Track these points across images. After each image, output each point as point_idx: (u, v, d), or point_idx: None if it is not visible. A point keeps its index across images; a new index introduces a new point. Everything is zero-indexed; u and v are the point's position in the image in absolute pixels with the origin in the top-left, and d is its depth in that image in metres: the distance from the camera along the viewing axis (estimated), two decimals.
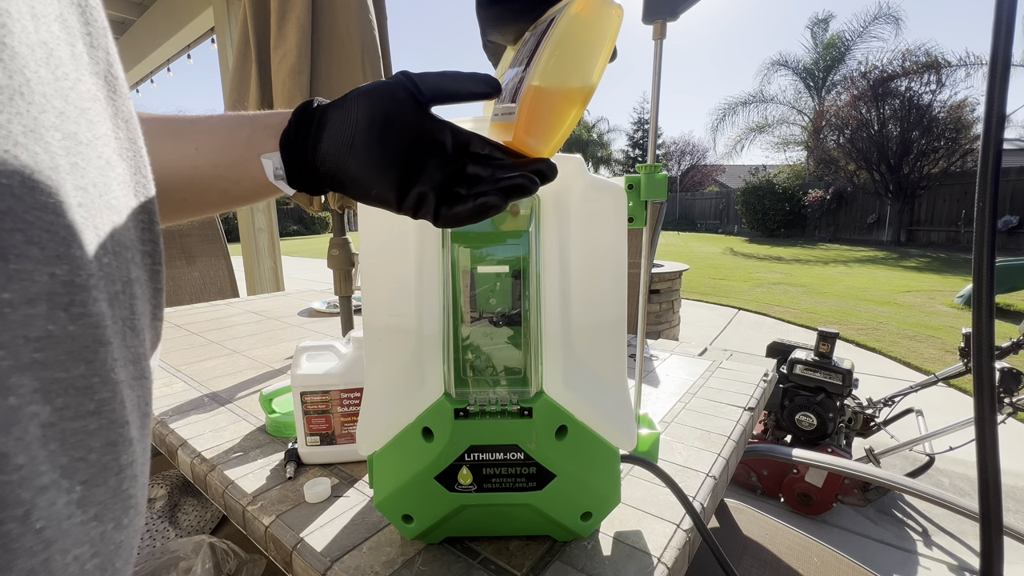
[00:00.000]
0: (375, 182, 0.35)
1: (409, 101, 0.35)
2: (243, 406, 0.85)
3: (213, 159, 0.37)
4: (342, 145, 0.35)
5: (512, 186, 0.34)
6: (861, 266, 9.03)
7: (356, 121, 0.35)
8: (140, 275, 0.22)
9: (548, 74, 0.33)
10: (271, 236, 3.22)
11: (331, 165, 0.35)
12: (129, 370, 0.20)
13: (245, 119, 0.38)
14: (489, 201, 0.34)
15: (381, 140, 0.34)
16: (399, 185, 0.35)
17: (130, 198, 0.21)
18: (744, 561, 0.90)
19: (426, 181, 0.35)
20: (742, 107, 18.46)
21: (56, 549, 0.15)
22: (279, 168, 0.36)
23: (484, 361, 0.44)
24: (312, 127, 0.36)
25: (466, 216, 0.35)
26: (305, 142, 0.36)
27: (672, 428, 0.76)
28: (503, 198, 0.34)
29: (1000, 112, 0.29)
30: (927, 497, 0.84)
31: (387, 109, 0.35)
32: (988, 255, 0.30)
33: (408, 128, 0.35)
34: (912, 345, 3.96)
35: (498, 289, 0.43)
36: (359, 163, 0.35)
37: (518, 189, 0.34)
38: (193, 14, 3.21)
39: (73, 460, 0.16)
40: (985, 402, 0.32)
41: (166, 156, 0.36)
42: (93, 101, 0.19)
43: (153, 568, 0.87)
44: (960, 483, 2.08)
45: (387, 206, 0.36)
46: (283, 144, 0.36)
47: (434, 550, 0.49)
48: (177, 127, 0.37)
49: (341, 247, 1.11)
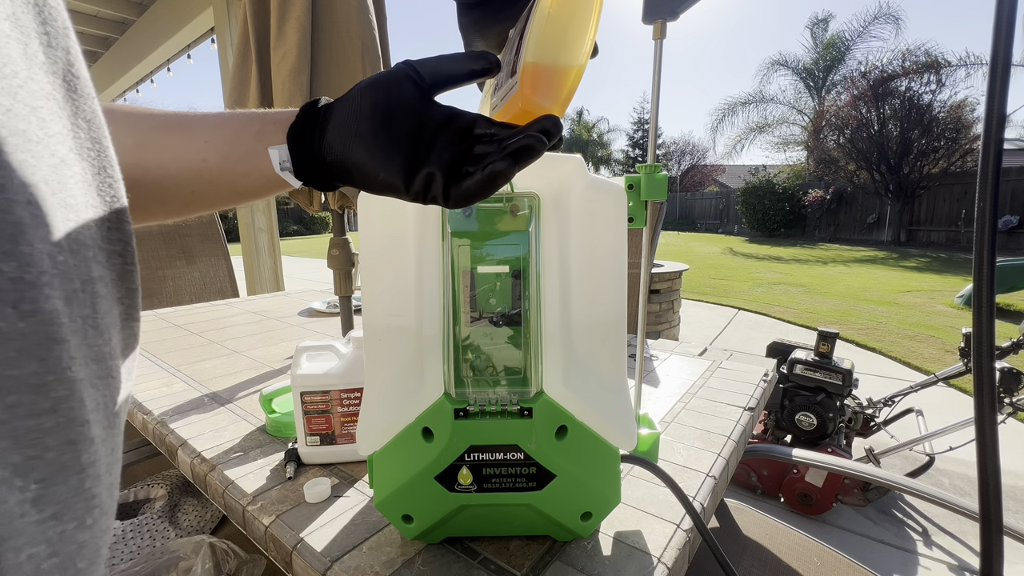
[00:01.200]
0: (381, 167, 0.35)
1: (411, 87, 0.36)
2: (243, 406, 0.85)
3: (223, 152, 0.38)
4: (347, 133, 0.35)
5: (520, 148, 0.33)
6: (861, 266, 9.03)
7: (360, 110, 0.35)
8: (105, 274, 0.21)
9: (542, 47, 0.33)
10: (271, 236, 3.22)
11: (337, 153, 0.36)
12: (92, 369, 0.19)
13: (255, 115, 0.39)
14: (497, 168, 0.33)
15: (385, 125, 0.35)
16: (406, 168, 0.35)
17: (91, 197, 0.21)
18: (744, 561, 0.90)
19: (433, 162, 0.35)
20: (742, 107, 18.47)
21: (7, 547, 0.15)
22: (285, 160, 0.37)
23: (484, 361, 0.44)
24: (318, 119, 0.37)
25: (477, 189, 0.34)
26: (312, 133, 0.37)
27: (672, 428, 0.76)
28: (512, 163, 0.33)
29: (1000, 112, 0.29)
30: (927, 497, 0.84)
31: (390, 96, 0.35)
32: (988, 255, 0.30)
33: (412, 112, 0.35)
34: (912, 345, 3.96)
35: (498, 289, 0.43)
36: (364, 149, 0.35)
37: (526, 150, 0.33)
38: (193, 14, 3.21)
39: (28, 458, 0.16)
40: (985, 402, 0.32)
41: (176, 149, 0.37)
42: (47, 99, 0.19)
43: (153, 568, 0.87)
44: (960, 483, 2.08)
45: (395, 192, 0.36)
46: (290, 137, 0.37)
47: (434, 550, 0.49)
48: (187, 121, 0.38)
49: (341, 247, 1.11)
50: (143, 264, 2.11)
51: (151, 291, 2.11)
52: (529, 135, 0.33)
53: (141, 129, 0.38)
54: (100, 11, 3.64)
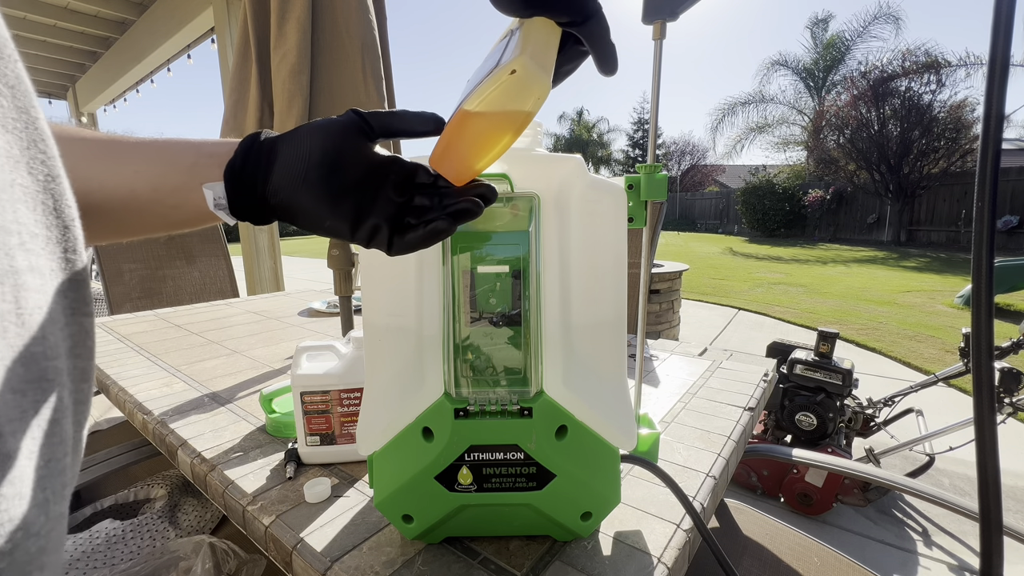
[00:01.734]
0: (328, 215, 0.36)
1: (360, 137, 0.36)
2: (243, 406, 0.85)
3: (153, 183, 0.36)
4: (295, 179, 0.35)
5: (459, 211, 0.36)
6: (861, 266, 9.03)
7: (309, 155, 0.35)
8: (39, 263, 0.19)
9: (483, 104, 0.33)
10: (271, 236, 3.22)
11: (283, 198, 0.35)
12: (17, 372, 0.17)
13: (190, 145, 0.38)
14: (439, 226, 0.35)
15: (335, 174, 0.35)
16: (353, 217, 0.36)
17: (18, 174, 0.19)
18: (744, 561, 0.90)
19: (379, 213, 0.36)
20: (742, 107, 18.47)
21: None
22: (220, 198, 0.36)
23: (484, 361, 0.44)
24: (262, 160, 0.36)
25: (417, 242, 0.36)
26: (254, 174, 0.36)
27: (672, 428, 0.76)
28: (452, 222, 0.36)
29: (999, 112, 0.29)
30: (927, 497, 0.84)
31: (339, 144, 0.35)
32: (988, 255, 0.30)
33: (359, 162, 0.36)
34: (912, 345, 3.96)
35: (498, 289, 0.43)
36: (313, 196, 0.35)
37: (465, 213, 0.36)
38: (193, 14, 3.21)
39: None
40: (985, 402, 0.32)
41: (103, 177, 0.36)
42: None
43: (153, 568, 0.87)
44: (960, 483, 2.08)
45: (339, 236, 0.37)
46: (227, 175, 0.36)
47: (434, 550, 0.49)
48: (117, 149, 0.37)
49: (341, 247, 1.11)
50: (143, 264, 2.11)
51: (151, 291, 2.11)
52: (469, 199, 0.36)
53: (68, 155, 0.36)
54: (100, 11, 3.64)
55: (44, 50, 4.25)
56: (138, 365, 1.08)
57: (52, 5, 3.47)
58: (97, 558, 1.03)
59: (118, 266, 2.04)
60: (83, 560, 1.03)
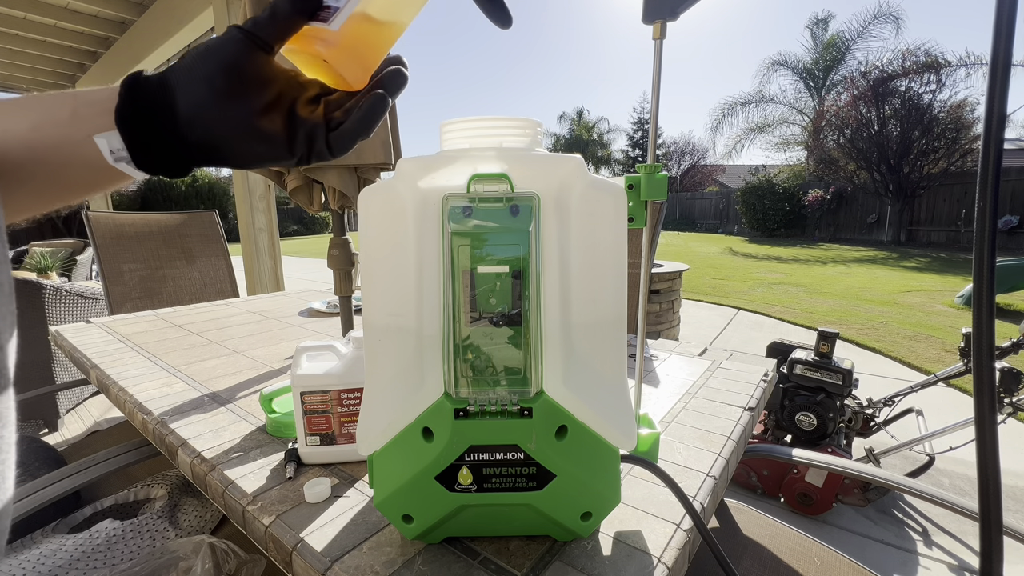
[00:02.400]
0: (259, 136, 0.33)
1: (255, 49, 0.32)
2: (243, 406, 0.85)
3: (26, 141, 0.31)
4: (207, 105, 0.31)
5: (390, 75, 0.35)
6: (861, 266, 9.03)
7: (210, 78, 0.31)
8: None
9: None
10: (271, 236, 3.22)
11: (203, 131, 0.32)
12: None
13: (66, 96, 0.33)
14: (374, 99, 0.34)
15: (250, 89, 0.32)
16: (286, 130, 0.33)
17: None
18: (744, 561, 0.90)
19: (308, 117, 0.34)
20: (742, 107, 18.47)
21: None
22: (119, 149, 0.32)
23: (484, 361, 0.44)
24: (157, 97, 0.31)
25: (359, 127, 0.34)
26: (153, 114, 0.31)
27: (672, 428, 0.76)
28: (385, 94, 0.34)
29: (1000, 112, 0.29)
30: (927, 497, 0.84)
31: (239, 59, 0.32)
32: (988, 255, 0.30)
33: (269, 72, 0.33)
34: (912, 345, 3.96)
35: (498, 289, 0.43)
36: (236, 119, 0.32)
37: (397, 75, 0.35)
38: (193, 14, 3.21)
39: None
40: (985, 402, 0.32)
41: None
42: None
43: (153, 568, 0.87)
44: (960, 483, 2.08)
45: (276, 157, 0.34)
46: (119, 121, 0.31)
47: (434, 550, 0.49)
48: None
49: (341, 247, 1.11)
50: (143, 264, 2.11)
51: (151, 291, 2.11)
52: (391, 68, 0.35)
53: None
54: (100, 11, 3.64)
55: (44, 50, 4.25)
56: (138, 365, 1.08)
57: (52, 5, 3.47)
58: (97, 558, 1.03)
59: (118, 266, 2.04)
60: (83, 560, 1.03)
